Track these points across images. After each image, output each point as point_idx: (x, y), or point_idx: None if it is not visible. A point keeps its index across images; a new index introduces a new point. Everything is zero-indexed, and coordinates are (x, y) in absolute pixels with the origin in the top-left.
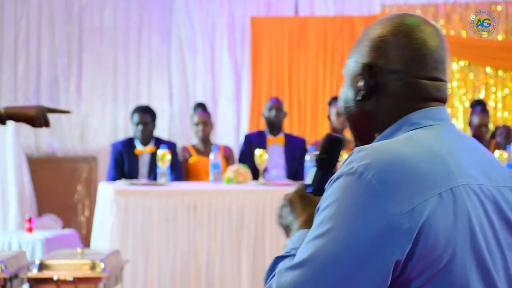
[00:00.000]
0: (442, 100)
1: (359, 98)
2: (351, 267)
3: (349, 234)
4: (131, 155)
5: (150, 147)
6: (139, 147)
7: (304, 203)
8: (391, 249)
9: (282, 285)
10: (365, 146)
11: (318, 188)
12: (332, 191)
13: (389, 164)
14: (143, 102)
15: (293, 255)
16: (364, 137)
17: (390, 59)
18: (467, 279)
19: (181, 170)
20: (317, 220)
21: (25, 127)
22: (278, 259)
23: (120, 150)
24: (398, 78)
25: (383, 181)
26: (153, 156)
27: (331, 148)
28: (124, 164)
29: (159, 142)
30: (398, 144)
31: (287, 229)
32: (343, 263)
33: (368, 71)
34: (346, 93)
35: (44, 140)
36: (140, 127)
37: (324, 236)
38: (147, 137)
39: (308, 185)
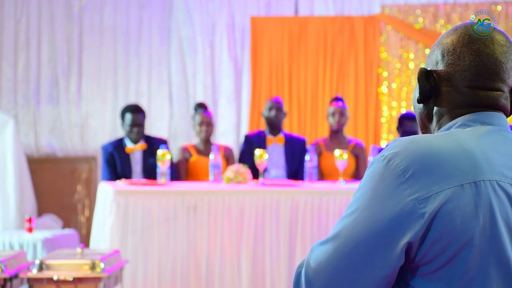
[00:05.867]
0: (495, 107)
1: (417, 100)
2: (369, 246)
3: (371, 215)
4: (122, 155)
5: (141, 144)
6: (129, 145)
7: None
8: (404, 232)
9: (313, 258)
10: (402, 137)
11: None
12: (365, 175)
13: (416, 154)
14: (143, 102)
15: None
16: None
17: (445, 66)
18: (484, 268)
19: (175, 168)
20: (351, 201)
21: (25, 127)
22: None
23: (111, 151)
24: (450, 85)
25: (407, 169)
26: (145, 153)
27: None
28: (117, 164)
29: (149, 139)
30: (433, 137)
31: None
32: (363, 241)
33: (425, 76)
34: (414, 95)
35: (44, 140)
36: (135, 129)
37: (351, 215)
38: (140, 136)
39: None
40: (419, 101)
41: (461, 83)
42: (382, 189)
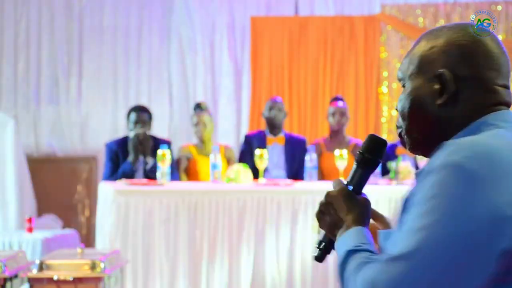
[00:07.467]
0: (508, 104)
1: (439, 103)
2: (459, 258)
3: (456, 224)
4: (126, 154)
5: None
6: None
7: (351, 201)
8: (498, 238)
9: (382, 278)
10: (454, 141)
11: (358, 187)
12: (431, 184)
13: (488, 155)
14: (143, 102)
15: (365, 250)
16: (428, 142)
17: (465, 66)
18: None
19: (176, 169)
20: (416, 213)
21: (25, 127)
22: (351, 252)
23: (116, 150)
24: (470, 85)
25: (486, 172)
26: None
27: (375, 149)
28: (120, 163)
29: (154, 141)
30: (488, 138)
31: (331, 226)
32: (451, 253)
33: (446, 78)
34: (414, 99)
35: (44, 140)
36: (138, 125)
37: (426, 230)
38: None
39: (348, 183)
40: (440, 105)
41: (480, 82)
42: (462, 197)
